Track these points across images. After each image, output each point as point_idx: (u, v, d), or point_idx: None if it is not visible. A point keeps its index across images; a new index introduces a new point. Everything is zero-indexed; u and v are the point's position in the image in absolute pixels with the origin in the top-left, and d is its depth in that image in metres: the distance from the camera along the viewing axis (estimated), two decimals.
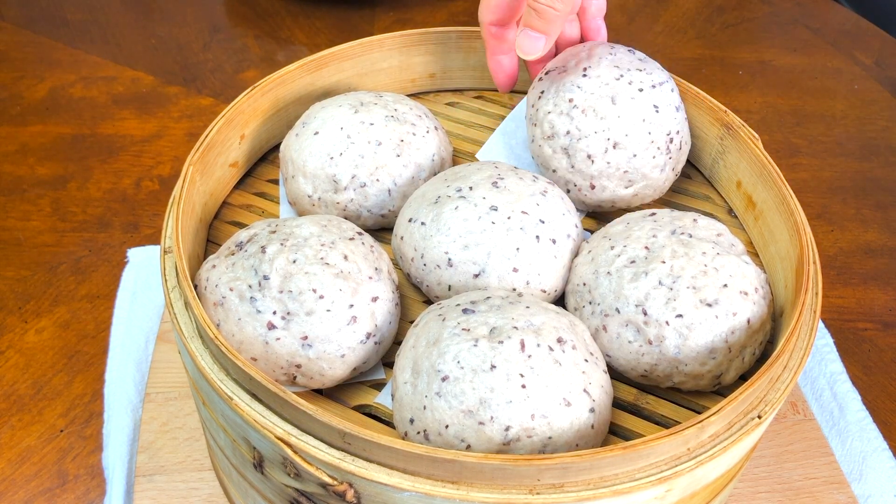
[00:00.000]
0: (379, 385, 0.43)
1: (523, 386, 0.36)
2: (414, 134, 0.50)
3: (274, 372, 0.41)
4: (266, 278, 0.40)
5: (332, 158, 0.48)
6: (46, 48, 0.91)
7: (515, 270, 0.43)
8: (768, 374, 0.37)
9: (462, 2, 0.99)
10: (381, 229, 0.51)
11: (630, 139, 0.48)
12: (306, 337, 0.40)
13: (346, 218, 0.49)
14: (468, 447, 0.36)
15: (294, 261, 0.41)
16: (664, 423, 0.42)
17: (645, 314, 0.41)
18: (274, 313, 0.40)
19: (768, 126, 0.83)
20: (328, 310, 0.40)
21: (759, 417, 0.37)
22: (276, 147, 0.56)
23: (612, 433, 0.41)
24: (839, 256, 0.70)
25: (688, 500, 0.38)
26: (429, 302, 0.47)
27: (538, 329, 0.38)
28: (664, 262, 0.42)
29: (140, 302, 0.62)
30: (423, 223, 0.45)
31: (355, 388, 0.43)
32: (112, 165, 0.76)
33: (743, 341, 0.41)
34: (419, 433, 0.37)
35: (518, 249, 0.43)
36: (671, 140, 0.49)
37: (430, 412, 0.37)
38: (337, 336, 0.40)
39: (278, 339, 0.40)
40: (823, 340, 0.62)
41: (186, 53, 0.91)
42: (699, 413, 0.40)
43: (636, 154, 0.48)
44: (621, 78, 0.49)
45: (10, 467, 0.53)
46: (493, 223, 0.44)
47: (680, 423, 0.36)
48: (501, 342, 0.37)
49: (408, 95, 0.59)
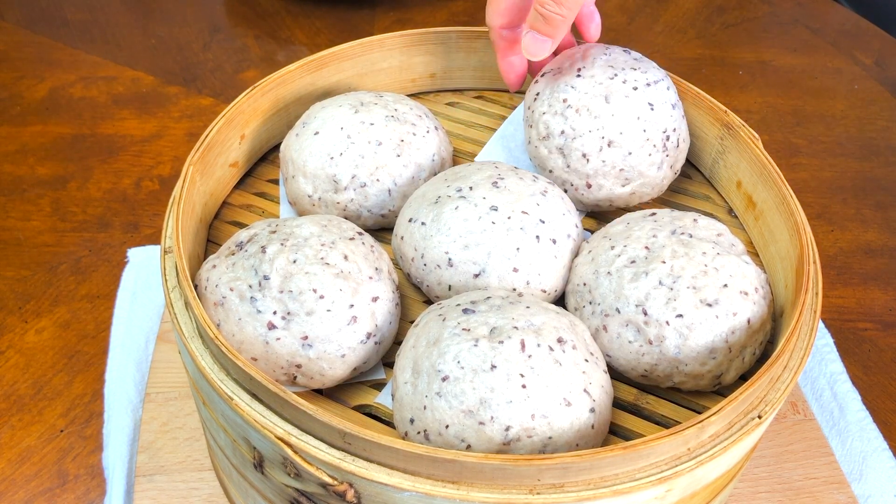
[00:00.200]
0: (379, 385, 0.43)
1: (523, 386, 0.36)
2: (414, 134, 0.50)
3: (274, 372, 0.41)
4: (266, 278, 0.40)
5: (333, 158, 0.48)
6: (46, 48, 0.91)
7: (515, 270, 0.43)
8: (768, 374, 0.37)
9: (462, 2, 0.99)
10: (381, 229, 0.51)
11: (625, 137, 0.48)
12: (306, 337, 0.40)
13: (347, 218, 0.49)
14: (468, 447, 0.36)
15: (294, 261, 0.41)
16: (664, 423, 0.42)
17: (645, 314, 0.41)
18: (274, 313, 0.40)
19: (768, 126, 0.83)
20: (328, 310, 0.40)
21: (760, 417, 0.37)
22: (276, 147, 0.56)
23: (613, 433, 0.41)
24: (839, 256, 0.70)
25: (688, 500, 0.38)
26: (429, 302, 0.47)
27: (538, 329, 0.38)
28: (664, 262, 0.42)
29: (140, 302, 0.62)
30: (424, 223, 0.45)
31: (355, 388, 0.43)
32: (112, 165, 0.76)
33: (743, 341, 0.41)
34: (419, 433, 0.37)
35: (518, 249, 0.43)
36: (667, 138, 0.49)
37: (431, 412, 0.37)
38: (337, 336, 0.40)
39: (278, 339, 0.40)
40: (823, 340, 0.62)
41: (186, 53, 0.91)
42: (699, 413, 0.40)
43: (631, 152, 0.48)
44: (615, 77, 0.49)
45: (10, 467, 0.53)
46: (494, 223, 0.44)
47: (680, 423, 0.36)
48: (502, 342, 0.37)
49: (408, 95, 0.59)
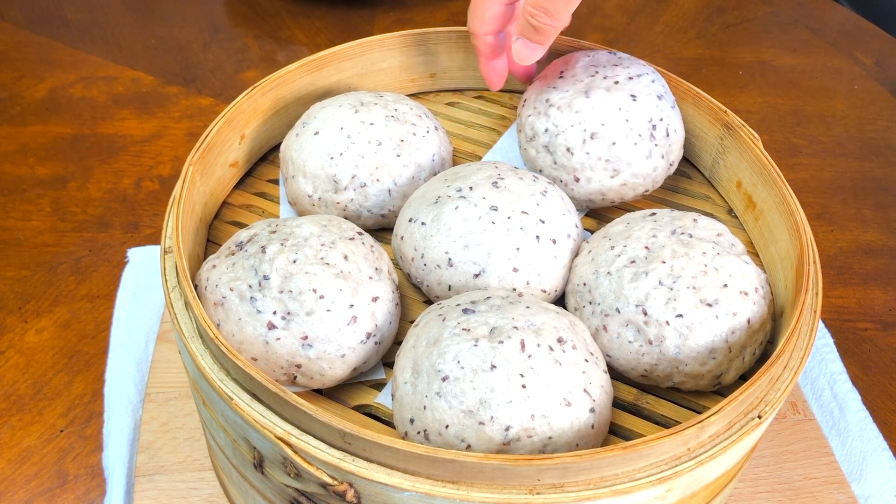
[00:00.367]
0: (379, 385, 0.43)
1: (523, 386, 0.36)
2: (414, 134, 0.50)
3: (274, 372, 0.41)
4: (266, 278, 0.40)
5: (333, 158, 0.48)
6: (46, 48, 0.91)
7: (515, 270, 0.43)
8: (768, 374, 0.37)
9: (462, 2, 0.99)
10: (381, 229, 0.51)
11: (607, 128, 0.49)
12: (306, 337, 0.40)
13: (346, 218, 0.49)
14: (468, 447, 0.36)
15: (294, 261, 0.41)
16: (664, 423, 0.42)
17: (645, 314, 0.41)
18: (274, 313, 0.40)
19: (768, 126, 0.83)
20: (328, 310, 0.40)
21: (759, 417, 0.37)
22: (276, 147, 0.56)
23: (612, 433, 0.41)
24: (839, 256, 0.70)
25: (688, 500, 0.38)
26: (429, 302, 0.47)
27: (538, 329, 0.38)
28: (664, 262, 0.42)
29: (140, 302, 0.62)
30: (424, 223, 0.45)
31: (355, 388, 0.43)
32: (112, 165, 0.76)
33: (743, 341, 0.41)
34: (419, 433, 0.37)
35: (518, 249, 0.43)
36: (654, 127, 0.49)
37: (431, 412, 0.37)
38: (337, 336, 0.40)
39: (278, 339, 0.40)
40: (823, 340, 0.62)
41: (186, 53, 0.91)
42: (699, 413, 0.40)
43: (615, 142, 0.49)
44: (596, 74, 0.51)
45: (10, 467, 0.53)
46: (494, 223, 0.44)
47: (680, 423, 0.36)
48: (501, 342, 0.37)
49: (408, 95, 0.59)
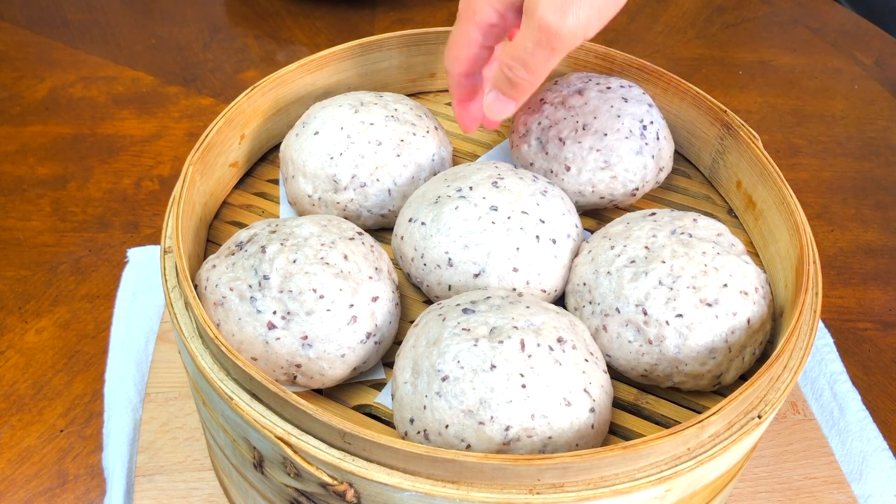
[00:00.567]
0: (379, 385, 0.43)
1: (523, 386, 0.36)
2: (414, 134, 0.50)
3: (274, 372, 0.41)
4: (266, 278, 0.40)
5: (332, 158, 0.48)
6: (46, 48, 0.91)
7: (515, 270, 0.43)
8: (768, 374, 0.37)
9: None
10: (381, 229, 0.51)
11: (598, 121, 0.50)
12: (306, 337, 0.40)
13: (346, 218, 0.49)
14: (468, 447, 0.36)
15: (294, 261, 0.41)
16: (664, 423, 0.42)
17: (645, 314, 0.41)
18: (274, 313, 0.40)
19: (768, 126, 0.83)
20: (328, 309, 0.40)
21: (759, 417, 0.37)
22: (276, 147, 0.56)
23: (612, 433, 0.41)
24: (839, 256, 0.70)
25: (688, 500, 0.38)
26: (429, 302, 0.47)
27: (538, 329, 0.38)
28: (664, 262, 0.42)
29: (140, 302, 0.62)
30: (424, 223, 0.45)
31: (355, 388, 0.43)
32: (112, 165, 0.76)
33: (743, 341, 0.41)
34: (419, 433, 0.37)
35: (518, 249, 0.43)
36: (644, 127, 0.50)
37: (430, 412, 0.37)
38: (337, 336, 0.40)
39: (278, 339, 0.40)
40: (823, 340, 0.62)
41: (186, 53, 0.91)
42: (699, 413, 0.40)
43: (606, 133, 0.49)
44: (589, 81, 0.53)
45: (10, 467, 0.53)
46: (493, 223, 0.44)
47: (680, 423, 0.36)
48: (501, 342, 0.37)
49: (408, 95, 0.59)
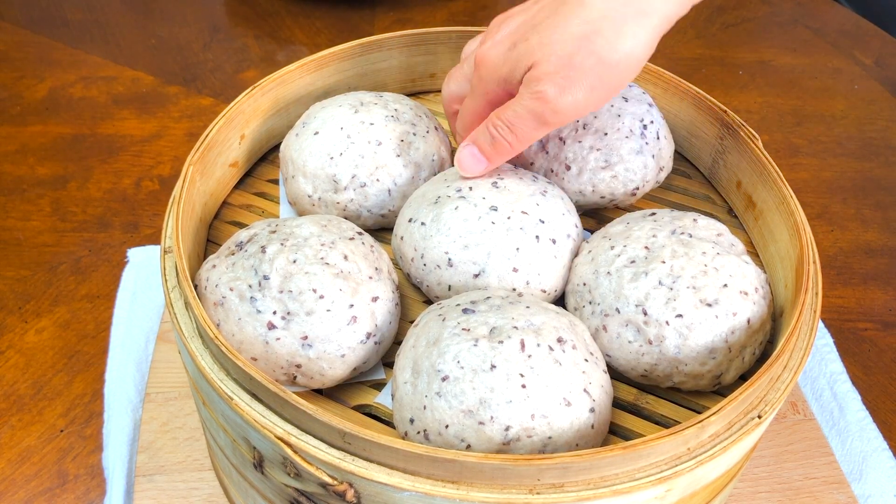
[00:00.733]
0: (379, 385, 0.43)
1: (523, 386, 0.36)
2: (414, 134, 0.50)
3: (274, 372, 0.41)
4: (266, 278, 0.40)
5: (332, 158, 0.48)
6: (46, 48, 0.91)
7: (515, 270, 0.43)
8: (768, 374, 0.37)
9: (462, 2, 0.99)
10: (381, 229, 0.51)
11: (599, 121, 0.50)
12: (306, 337, 0.40)
13: (346, 218, 0.49)
14: (468, 447, 0.36)
15: (294, 261, 0.41)
16: (664, 423, 0.42)
17: (645, 314, 0.41)
18: (274, 313, 0.40)
19: (768, 126, 0.83)
20: (328, 310, 0.40)
21: (759, 417, 0.37)
22: (276, 147, 0.56)
23: (612, 433, 0.41)
24: (839, 256, 0.70)
25: (688, 500, 0.38)
26: (429, 302, 0.47)
27: (538, 329, 0.38)
28: (664, 262, 0.42)
29: (140, 302, 0.62)
30: (423, 223, 0.45)
31: (355, 388, 0.43)
32: (112, 165, 0.76)
33: (743, 341, 0.41)
34: (419, 433, 0.37)
35: (518, 249, 0.43)
36: (645, 127, 0.50)
37: (430, 412, 0.37)
38: (337, 336, 0.40)
39: (278, 339, 0.40)
40: (823, 340, 0.62)
41: (186, 53, 0.91)
42: (699, 413, 0.40)
43: (607, 133, 0.49)
44: None
45: (10, 467, 0.53)
46: (493, 223, 0.43)
47: (680, 423, 0.36)
48: (501, 342, 0.37)
49: (408, 95, 0.59)
